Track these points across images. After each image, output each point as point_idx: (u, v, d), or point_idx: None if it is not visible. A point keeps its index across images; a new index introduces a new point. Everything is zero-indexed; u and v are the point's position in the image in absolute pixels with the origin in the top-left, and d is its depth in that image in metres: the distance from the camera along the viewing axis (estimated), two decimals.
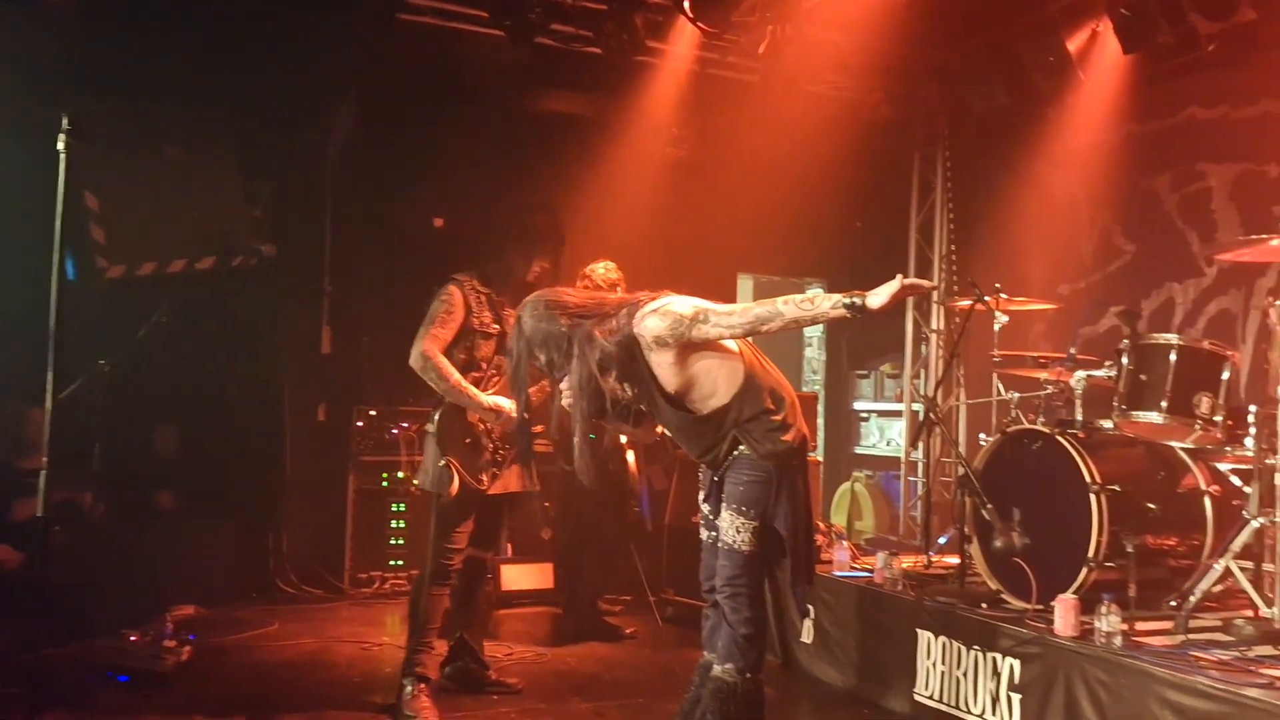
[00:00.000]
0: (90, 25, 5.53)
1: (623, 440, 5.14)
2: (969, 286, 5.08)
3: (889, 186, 7.82)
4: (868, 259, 7.61)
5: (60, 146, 3.30)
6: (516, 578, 5.96)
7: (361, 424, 6.24)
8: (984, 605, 4.03)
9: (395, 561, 6.24)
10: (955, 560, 4.44)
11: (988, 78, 6.62)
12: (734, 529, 3.11)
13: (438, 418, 3.94)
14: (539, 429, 3.73)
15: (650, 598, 5.59)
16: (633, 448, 5.31)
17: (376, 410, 6.26)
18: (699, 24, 6.06)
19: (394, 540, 6.28)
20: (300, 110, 6.29)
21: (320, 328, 6.54)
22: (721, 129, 7.08)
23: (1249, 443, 3.77)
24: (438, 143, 6.45)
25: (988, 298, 4.83)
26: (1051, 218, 7.02)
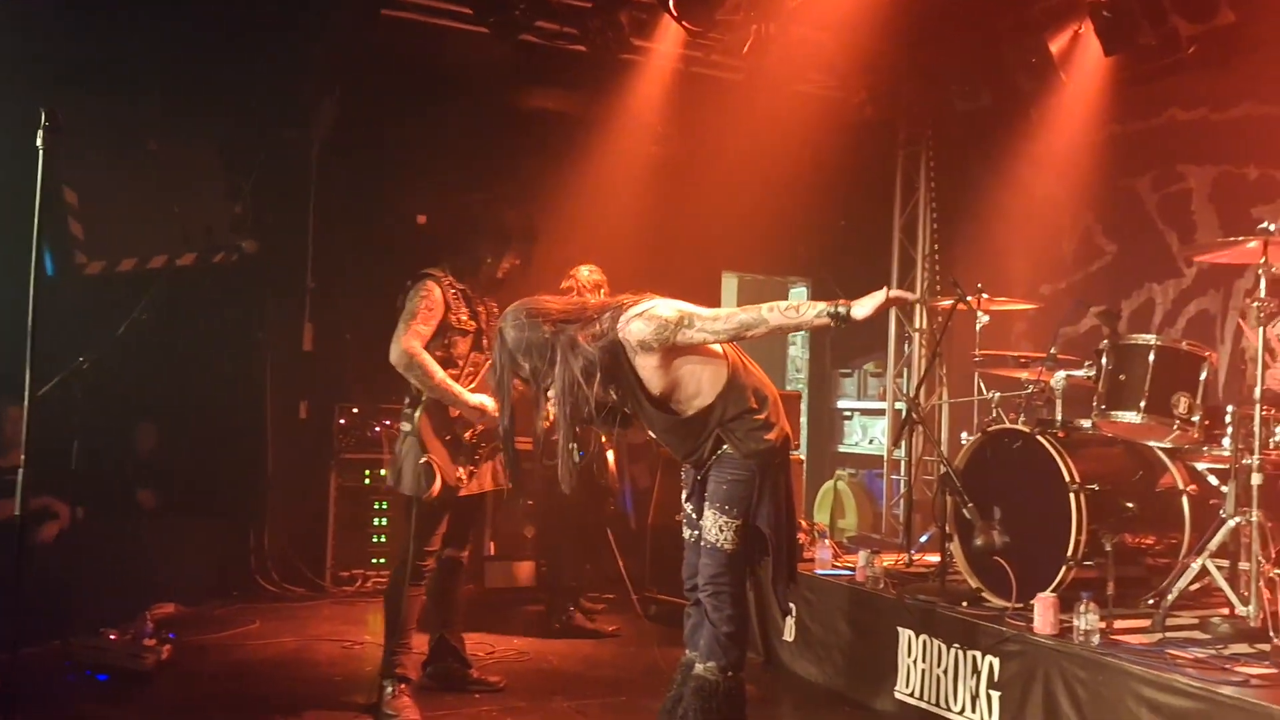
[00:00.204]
0: (69, 18, 5.48)
1: (603, 439, 5.14)
2: (951, 286, 5.10)
3: (873, 185, 7.84)
4: (852, 258, 7.64)
5: (39, 141, 3.26)
6: (499, 575, 5.96)
7: (344, 421, 6.23)
8: (964, 603, 4.04)
9: (377, 559, 6.22)
10: (936, 558, 4.46)
11: (971, 78, 6.66)
12: (717, 527, 3.12)
13: (417, 416, 3.88)
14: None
15: (633, 595, 5.60)
16: (612, 447, 5.31)
17: (359, 408, 6.24)
18: (684, 22, 6.05)
19: (376, 538, 6.26)
20: (283, 105, 6.24)
21: (302, 325, 6.50)
22: (706, 127, 7.07)
23: (1226, 442, 3.81)
24: (421, 139, 6.41)
25: (970, 297, 4.85)
26: (1033, 218, 7.05)
